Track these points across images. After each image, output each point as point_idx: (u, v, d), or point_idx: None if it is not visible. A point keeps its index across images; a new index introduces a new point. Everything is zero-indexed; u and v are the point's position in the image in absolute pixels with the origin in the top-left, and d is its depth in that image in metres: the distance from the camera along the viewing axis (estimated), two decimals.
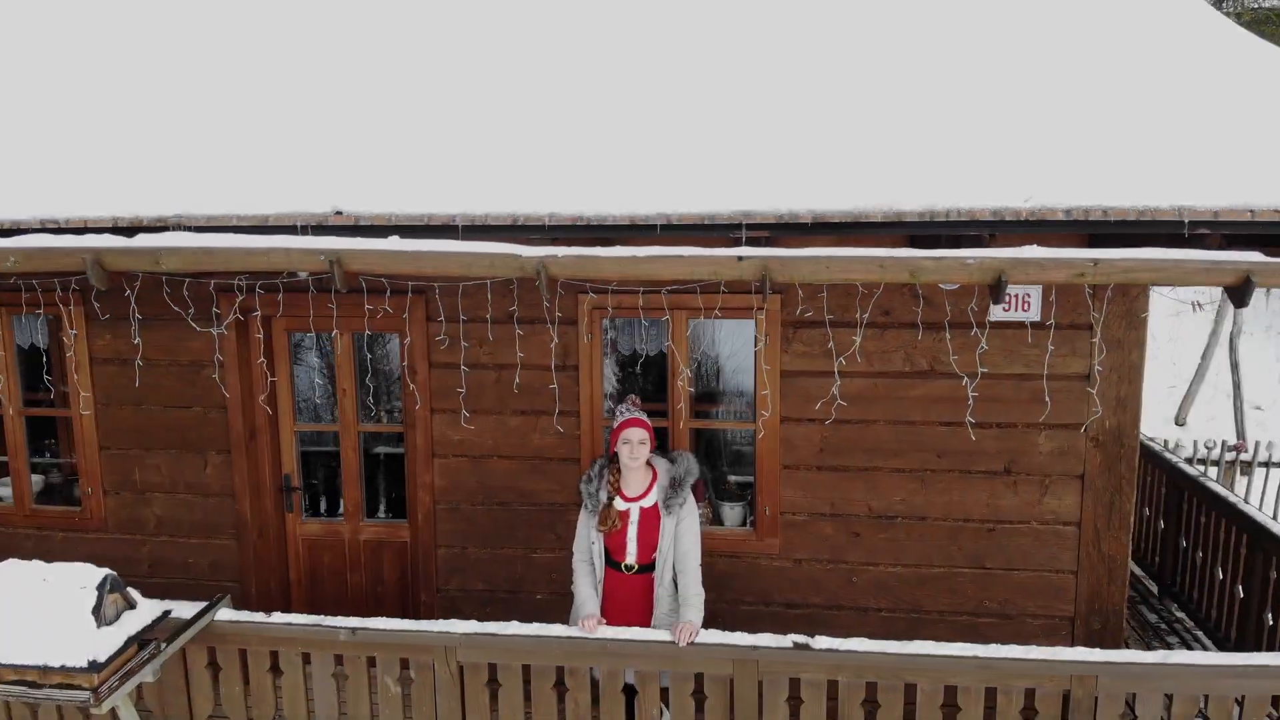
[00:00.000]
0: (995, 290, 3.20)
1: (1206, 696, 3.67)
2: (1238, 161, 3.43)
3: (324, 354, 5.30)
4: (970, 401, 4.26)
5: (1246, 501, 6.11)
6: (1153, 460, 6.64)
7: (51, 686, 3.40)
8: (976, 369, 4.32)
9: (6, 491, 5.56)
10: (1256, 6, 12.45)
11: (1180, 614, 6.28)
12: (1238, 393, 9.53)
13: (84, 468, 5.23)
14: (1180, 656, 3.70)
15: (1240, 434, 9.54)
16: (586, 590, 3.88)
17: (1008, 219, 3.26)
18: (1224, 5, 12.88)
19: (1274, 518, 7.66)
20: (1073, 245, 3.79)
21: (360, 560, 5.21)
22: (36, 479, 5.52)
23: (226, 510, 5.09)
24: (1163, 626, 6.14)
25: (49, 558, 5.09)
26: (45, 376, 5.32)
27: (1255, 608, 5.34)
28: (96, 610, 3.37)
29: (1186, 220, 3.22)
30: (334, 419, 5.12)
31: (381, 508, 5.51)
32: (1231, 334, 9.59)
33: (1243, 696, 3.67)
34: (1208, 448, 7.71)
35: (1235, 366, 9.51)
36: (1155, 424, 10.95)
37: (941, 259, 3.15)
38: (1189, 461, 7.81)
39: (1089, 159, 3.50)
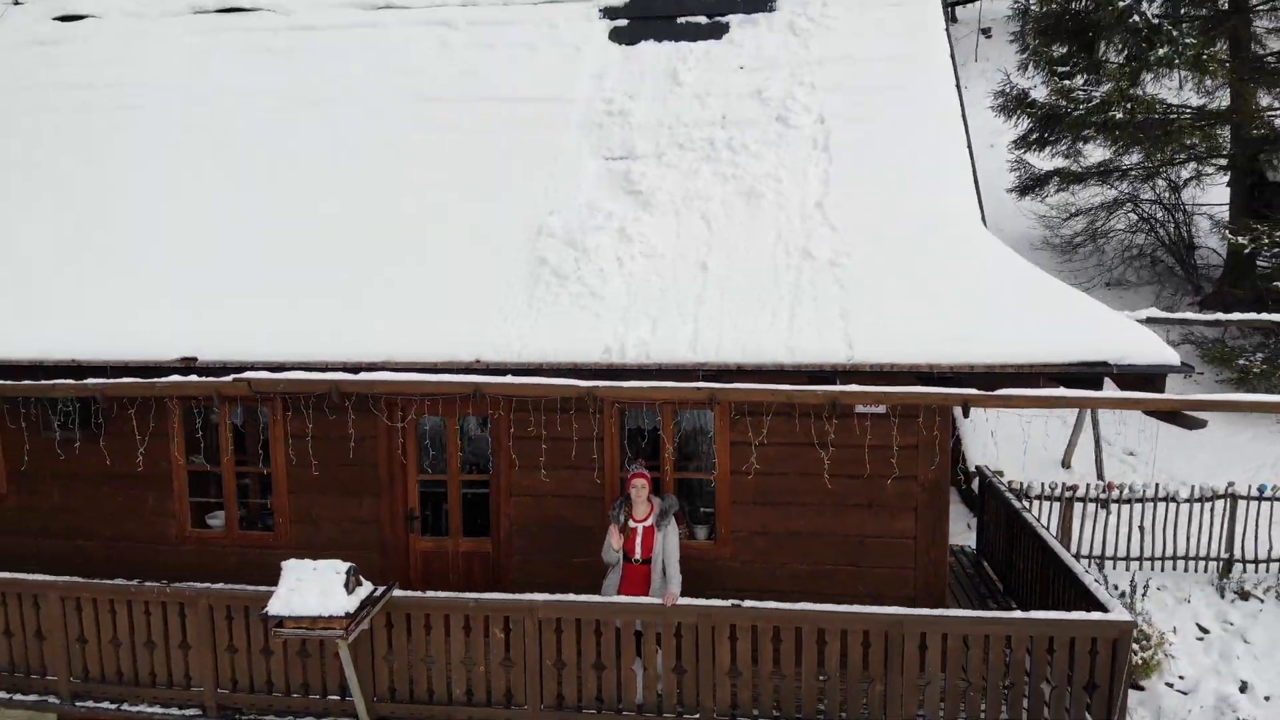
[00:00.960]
0: (832, 407, 6.01)
1: (966, 635, 6.41)
2: (972, 335, 6.25)
3: (434, 431, 8.08)
4: (825, 463, 7.06)
5: (1046, 527, 8.93)
6: (997, 497, 9.45)
7: (319, 629, 6.11)
8: (847, 442, 7.12)
9: (217, 522, 8.30)
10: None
11: (1015, 605, 9.03)
12: (1098, 444, 12.34)
13: (276, 506, 7.98)
14: (949, 613, 6.47)
15: (1100, 475, 12.31)
16: (612, 576, 6.65)
17: (839, 369, 6.08)
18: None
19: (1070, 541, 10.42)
20: (906, 381, 6.56)
21: (459, 565, 7.94)
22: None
23: (373, 533, 7.83)
24: None
25: (249, 568, 7.87)
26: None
27: (1045, 600, 8.12)
28: (346, 585, 6.09)
29: (935, 371, 6.05)
30: (444, 471, 7.89)
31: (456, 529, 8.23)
32: None
33: (987, 635, 6.42)
34: (1051, 488, 10.52)
35: (1095, 423, 12.33)
36: (1046, 466, 13.70)
37: (804, 390, 5.97)
38: (1038, 498, 10.63)
39: (893, 333, 6.32)
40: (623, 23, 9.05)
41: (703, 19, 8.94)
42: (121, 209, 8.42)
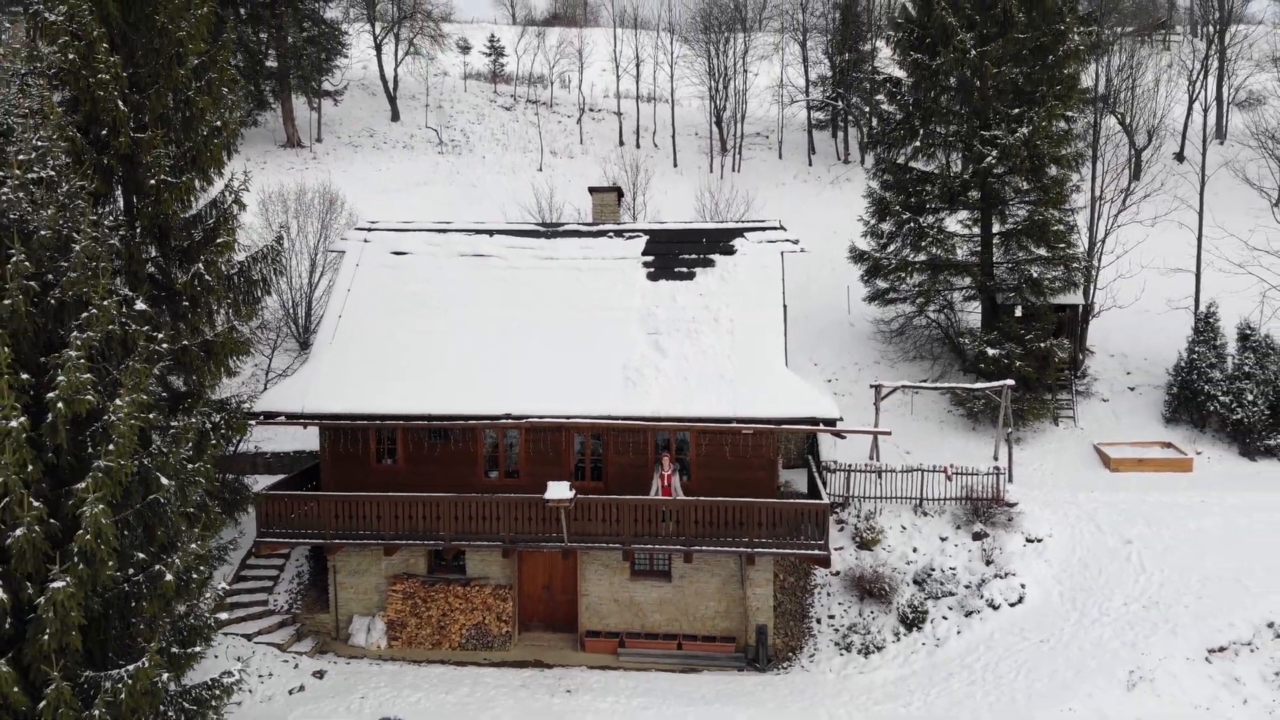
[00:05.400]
0: (731, 431, 18.68)
1: (775, 509, 19.02)
2: (775, 406, 18.84)
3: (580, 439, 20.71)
4: (728, 451, 19.84)
5: (825, 482, 21.79)
6: (810, 468, 22.15)
7: (560, 505, 18.57)
8: (738, 444, 19.80)
9: (494, 475, 20.81)
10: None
11: None
12: (877, 445, 25.05)
13: (521, 468, 20.56)
14: (771, 499, 19.12)
15: (877, 459, 24.97)
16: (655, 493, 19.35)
17: (731, 419, 18.62)
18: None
19: (837, 488, 23.32)
20: (754, 422, 19.16)
21: (589, 492, 20.50)
22: (494, 473, 20.78)
23: (560, 476, 20.34)
24: None
25: (509, 492, 20.47)
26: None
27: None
28: (570, 489, 18.57)
29: (763, 419, 18.66)
30: (583, 454, 20.48)
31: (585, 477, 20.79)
32: (875, 419, 25.03)
33: (786, 508, 19.05)
34: (838, 465, 23.22)
35: (876, 438, 25.02)
36: (862, 455, 26.39)
37: (719, 425, 18.69)
38: (835, 470, 23.40)
39: (749, 406, 18.88)
40: (651, 270, 21.75)
41: (685, 269, 21.71)
42: (451, 353, 20.86)
